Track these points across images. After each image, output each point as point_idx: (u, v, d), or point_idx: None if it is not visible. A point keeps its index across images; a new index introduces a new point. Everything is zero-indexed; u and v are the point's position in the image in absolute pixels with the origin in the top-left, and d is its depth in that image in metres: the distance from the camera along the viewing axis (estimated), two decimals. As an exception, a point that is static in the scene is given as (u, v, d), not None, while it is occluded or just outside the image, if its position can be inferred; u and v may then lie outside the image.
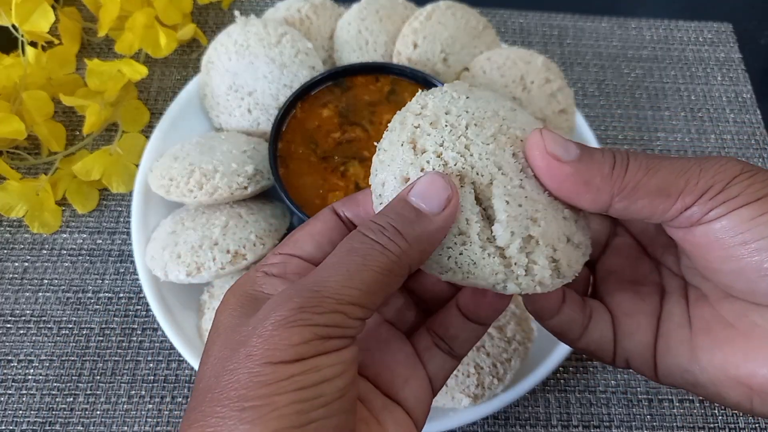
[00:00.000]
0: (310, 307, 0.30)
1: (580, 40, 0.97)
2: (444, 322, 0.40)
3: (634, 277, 0.42)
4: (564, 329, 0.40)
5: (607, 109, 0.91)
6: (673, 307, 0.40)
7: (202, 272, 0.65)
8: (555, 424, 0.67)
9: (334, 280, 0.31)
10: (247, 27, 0.78)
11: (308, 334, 0.29)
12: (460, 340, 0.40)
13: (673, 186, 0.34)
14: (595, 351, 0.40)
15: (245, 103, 0.76)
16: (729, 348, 0.36)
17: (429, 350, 0.40)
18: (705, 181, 0.34)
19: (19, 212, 0.75)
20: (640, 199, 0.35)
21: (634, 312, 0.40)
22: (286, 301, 0.31)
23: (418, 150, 0.36)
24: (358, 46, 0.80)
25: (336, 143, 0.71)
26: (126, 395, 0.67)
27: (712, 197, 0.34)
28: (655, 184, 0.34)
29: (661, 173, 0.34)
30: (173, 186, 0.68)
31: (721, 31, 0.98)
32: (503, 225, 0.34)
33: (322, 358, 0.30)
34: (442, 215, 0.33)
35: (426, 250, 0.33)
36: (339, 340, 0.31)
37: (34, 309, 0.72)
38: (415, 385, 0.39)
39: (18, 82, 0.77)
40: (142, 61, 0.85)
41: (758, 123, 0.90)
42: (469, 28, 0.82)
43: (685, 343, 0.38)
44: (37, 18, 0.77)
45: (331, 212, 0.40)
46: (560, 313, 0.39)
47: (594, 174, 0.35)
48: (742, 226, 0.33)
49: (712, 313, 0.38)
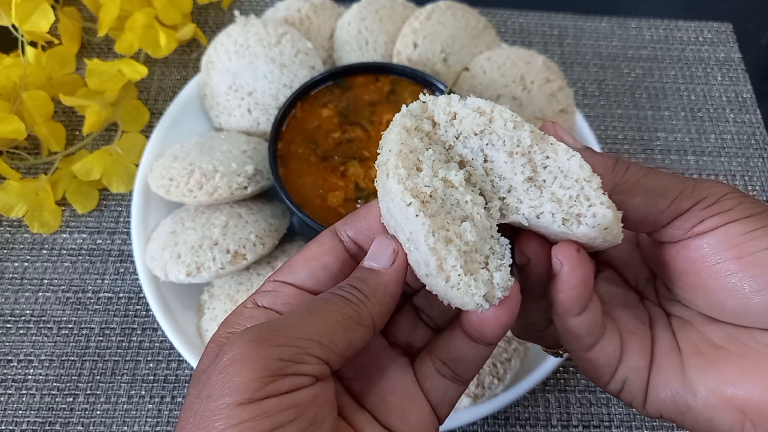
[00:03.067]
0: (266, 339, 0.31)
1: (580, 40, 0.97)
2: (446, 345, 0.39)
3: (626, 303, 0.42)
4: (585, 331, 0.38)
5: (607, 109, 0.91)
6: (661, 331, 0.39)
7: (202, 272, 0.65)
8: (555, 424, 0.67)
9: (293, 319, 0.33)
10: (247, 27, 0.78)
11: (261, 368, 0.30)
12: (464, 363, 0.38)
13: (670, 190, 0.35)
14: (600, 367, 0.39)
15: (245, 103, 0.76)
16: (724, 367, 0.36)
17: (431, 378, 0.39)
18: (700, 191, 0.35)
19: (19, 212, 0.75)
20: (638, 195, 0.35)
21: (638, 332, 0.39)
22: (244, 335, 0.32)
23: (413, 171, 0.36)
24: (358, 46, 0.80)
25: (336, 143, 0.71)
26: (126, 395, 0.67)
27: (707, 207, 0.35)
28: (654, 184, 0.36)
29: (660, 178, 0.36)
30: (173, 186, 0.68)
31: (721, 31, 0.98)
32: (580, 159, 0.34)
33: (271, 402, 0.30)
34: (392, 268, 0.36)
35: (384, 301, 0.36)
36: (293, 378, 0.31)
37: (34, 309, 0.72)
38: (415, 416, 0.37)
39: (18, 82, 0.77)
40: (142, 61, 0.85)
41: (758, 123, 0.90)
42: (469, 28, 0.82)
43: (677, 367, 0.37)
44: (37, 18, 0.77)
45: (330, 234, 0.40)
46: (588, 310, 0.37)
47: (597, 163, 0.35)
48: (736, 239, 0.34)
49: (700, 337, 0.38)
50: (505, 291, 0.35)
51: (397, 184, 0.34)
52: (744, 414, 0.35)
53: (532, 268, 0.37)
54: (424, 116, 0.37)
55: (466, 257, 0.34)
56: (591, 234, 0.34)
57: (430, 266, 0.34)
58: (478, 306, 0.34)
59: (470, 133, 0.36)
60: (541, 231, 0.37)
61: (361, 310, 0.35)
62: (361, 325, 0.34)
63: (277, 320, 0.33)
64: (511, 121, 0.35)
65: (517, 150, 0.35)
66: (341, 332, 0.33)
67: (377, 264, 0.36)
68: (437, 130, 0.37)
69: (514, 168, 0.36)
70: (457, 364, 0.38)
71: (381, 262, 0.36)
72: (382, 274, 0.36)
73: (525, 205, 0.35)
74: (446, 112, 0.37)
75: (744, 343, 0.36)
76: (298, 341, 0.31)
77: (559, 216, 0.34)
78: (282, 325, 0.32)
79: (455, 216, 0.35)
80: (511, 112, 0.36)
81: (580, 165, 0.34)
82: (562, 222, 0.34)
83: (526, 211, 0.35)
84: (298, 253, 0.39)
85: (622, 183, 0.36)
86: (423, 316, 0.42)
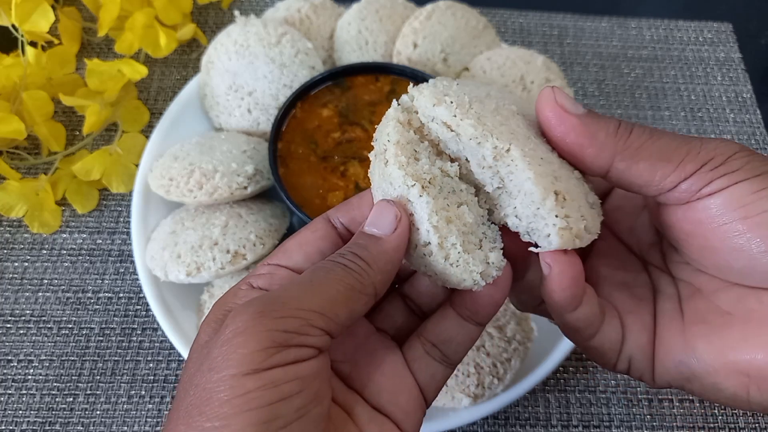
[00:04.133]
0: (269, 311, 0.31)
1: (580, 40, 0.97)
2: (437, 326, 0.39)
3: (625, 279, 0.42)
4: (585, 324, 0.38)
5: (607, 108, 0.91)
6: (665, 304, 0.39)
7: (202, 272, 0.65)
8: (555, 424, 0.67)
9: (296, 290, 0.33)
10: (247, 27, 0.78)
11: (265, 339, 0.29)
12: (454, 344, 0.39)
13: (675, 153, 0.35)
14: (605, 351, 0.39)
15: (245, 103, 0.76)
16: (727, 332, 0.36)
17: (420, 360, 0.39)
18: (706, 152, 0.34)
19: (19, 212, 0.75)
20: (642, 161, 0.35)
21: (637, 311, 0.40)
22: (247, 307, 0.31)
23: None
24: (358, 46, 0.80)
25: (336, 143, 0.71)
26: (126, 395, 0.67)
27: (713, 168, 0.34)
28: (658, 148, 0.35)
29: (664, 141, 0.35)
30: (173, 186, 0.68)
31: (721, 31, 0.98)
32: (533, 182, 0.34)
33: (278, 371, 0.29)
34: (394, 234, 0.35)
35: (385, 269, 0.35)
36: (298, 349, 0.30)
37: (34, 309, 0.72)
38: (404, 397, 0.38)
39: (18, 82, 0.77)
40: (142, 61, 0.85)
41: (758, 123, 0.90)
42: (469, 28, 0.82)
43: (678, 335, 0.37)
44: (37, 18, 0.77)
45: (324, 221, 0.40)
46: (583, 305, 0.37)
47: (599, 129, 0.35)
48: (744, 199, 0.33)
49: (707, 304, 0.38)
50: (499, 270, 0.36)
51: (398, 170, 0.35)
52: (748, 377, 0.35)
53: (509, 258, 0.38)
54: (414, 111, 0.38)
55: (464, 237, 0.36)
56: (555, 246, 0.35)
57: (432, 244, 0.35)
58: (474, 283, 0.35)
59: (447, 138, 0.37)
60: None
61: (363, 279, 0.34)
62: (363, 294, 0.34)
63: (279, 292, 0.33)
64: (473, 140, 0.36)
65: (483, 163, 0.36)
66: (343, 303, 0.33)
67: (378, 230, 0.35)
68: (423, 129, 0.39)
69: (484, 178, 0.37)
70: (447, 345, 0.39)
71: (383, 228, 0.35)
72: (384, 241, 0.35)
73: (496, 212, 0.37)
74: (426, 116, 0.38)
75: (749, 306, 0.35)
76: (301, 312, 0.31)
77: (523, 229, 0.36)
78: (285, 297, 0.32)
79: (453, 201, 0.36)
80: (473, 131, 0.35)
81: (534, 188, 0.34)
82: (527, 234, 0.36)
83: (497, 218, 0.37)
84: (292, 238, 0.39)
85: (625, 149, 0.35)
86: (410, 303, 0.42)
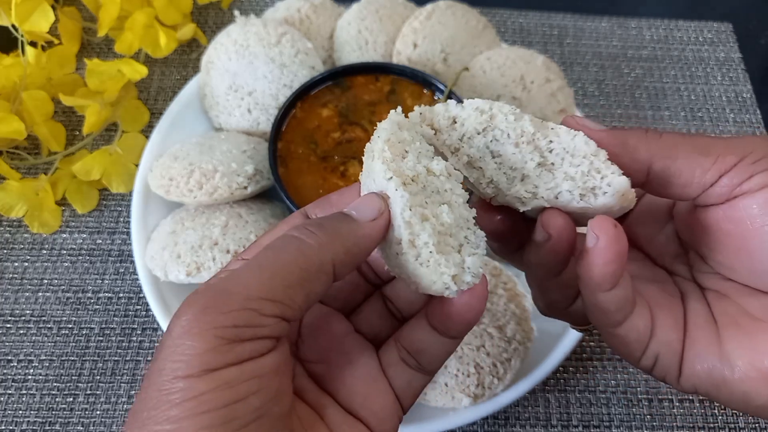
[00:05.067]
0: (215, 305, 0.28)
1: (580, 39, 0.97)
2: (411, 335, 0.38)
3: (654, 278, 0.41)
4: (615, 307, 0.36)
5: (607, 108, 0.91)
6: (695, 305, 0.38)
7: (202, 272, 0.65)
8: (555, 424, 0.67)
9: (244, 276, 0.30)
10: (247, 27, 0.78)
11: (213, 339, 0.27)
12: (428, 356, 0.37)
13: (713, 147, 0.33)
14: (631, 343, 0.37)
15: (245, 103, 0.76)
16: (762, 338, 0.34)
17: (395, 366, 0.38)
18: (745, 145, 0.33)
19: (19, 212, 0.75)
20: (680, 158, 0.34)
21: (668, 306, 0.38)
22: (192, 304, 0.29)
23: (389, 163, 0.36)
24: (358, 46, 0.80)
25: (336, 143, 0.71)
26: (126, 395, 0.67)
27: (754, 162, 0.32)
28: (693, 144, 0.34)
29: (698, 138, 0.34)
30: (173, 186, 0.68)
31: (721, 31, 0.98)
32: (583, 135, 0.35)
33: (233, 370, 0.27)
34: (372, 223, 0.33)
35: (351, 250, 0.33)
36: (252, 342, 0.28)
37: (34, 309, 0.72)
38: (378, 402, 0.36)
39: (18, 82, 0.77)
40: (142, 61, 0.85)
41: (758, 123, 0.90)
42: (469, 28, 0.82)
43: (713, 339, 0.36)
44: (37, 18, 0.77)
45: (301, 215, 0.38)
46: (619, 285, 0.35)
47: (628, 136, 0.35)
48: None
49: (738, 309, 0.36)
50: (476, 278, 0.34)
51: (381, 164, 0.34)
52: None
53: (553, 245, 0.36)
54: (423, 123, 0.38)
55: (439, 238, 0.34)
56: (610, 203, 0.35)
57: (403, 242, 0.33)
58: (445, 287, 0.33)
59: (473, 133, 0.37)
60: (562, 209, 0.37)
61: (321, 255, 0.31)
62: (320, 272, 0.31)
63: (226, 280, 0.30)
64: (511, 114, 0.37)
65: (522, 140, 0.36)
66: (298, 285, 0.30)
67: (357, 214, 0.33)
68: (440, 135, 0.38)
69: (524, 157, 0.37)
70: (421, 355, 0.37)
71: (363, 214, 0.33)
72: (358, 224, 0.33)
73: (542, 189, 0.37)
74: (446, 118, 0.38)
75: None
76: (250, 303, 0.28)
77: (577, 192, 0.36)
78: (231, 286, 0.29)
79: (434, 201, 0.35)
80: (509, 106, 0.37)
81: (585, 142, 0.35)
82: (580, 197, 0.35)
83: (545, 194, 0.36)
84: (268, 233, 0.37)
85: (660, 150, 0.34)
86: (391, 306, 0.41)
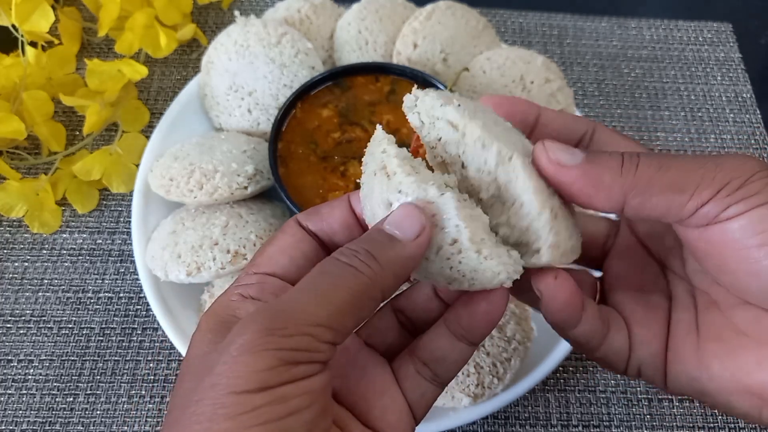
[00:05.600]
0: (277, 329, 0.29)
1: (580, 40, 0.97)
2: (430, 344, 0.38)
3: (642, 284, 0.41)
4: (586, 340, 0.38)
5: (607, 108, 0.91)
6: (681, 314, 0.39)
7: (202, 272, 0.65)
8: (555, 424, 0.67)
9: (302, 302, 0.31)
10: (247, 27, 0.78)
11: (273, 359, 0.28)
12: (446, 364, 0.38)
13: (689, 181, 0.33)
14: (612, 362, 0.39)
15: (245, 103, 0.76)
16: (742, 355, 0.35)
17: (410, 378, 0.38)
18: (722, 176, 0.33)
19: (19, 212, 0.75)
20: (654, 196, 0.33)
21: (646, 321, 0.39)
22: (252, 323, 0.30)
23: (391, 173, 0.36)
24: (358, 46, 0.80)
25: (336, 143, 0.71)
26: (126, 395, 0.67)
27: (730, 194, 0.32)
28: (669, 179, 0.33)
29: (675, 170, 0.33)
30: (173, 186, 0.68)
31: (721, 31, 0.98)
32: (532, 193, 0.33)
33: (288, 387, 0.28)
34: (416, 242, 0.33)
35: (399, 274, 0.33)
36: (307, 365, 0.30)
37: (34, 309, 0.72)
38: (394, 415, 0.37)
39: (18, 82, 0.77)
40: (142, 61, 0.85)
41: (758, 123, 0.90)
42: (468, 28, 0.82)
43: (692, 351, 0.37)
44: (37, 18, 0.77)
45: (295, 224, 0.39)
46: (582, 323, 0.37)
47: (603, 172, 0.34)
48: (762, 225, 0.32)
49: (723, 321, 0.37)
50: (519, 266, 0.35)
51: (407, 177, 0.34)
52: (762, 400, 0.34)
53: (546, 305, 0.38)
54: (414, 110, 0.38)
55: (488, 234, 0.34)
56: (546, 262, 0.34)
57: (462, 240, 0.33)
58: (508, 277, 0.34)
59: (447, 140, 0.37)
60: None
61: (374, 285, 0.32)
62: (371, 299, 0.32)
63: (284, 303, 0.31)
64: (479, 141, 0.35)
65: (483, 168, 0.35)
66: (350, 312, 0.31)
67: (400, 233, 0.33)
68: (422, 130, 0.38)
69: (482, 183, 0.36)
70: (439, 364, 0.38)
71: (405, 232, 0.33)
72: (404, 246, 0.33)
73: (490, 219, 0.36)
74: (429, 115, 0.37)
75: (766, 328, 0.35)
76: (310, 329, 0.30)
77: (513, 241, 0.35)
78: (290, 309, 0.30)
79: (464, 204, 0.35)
80: (480, 131, 0.35)
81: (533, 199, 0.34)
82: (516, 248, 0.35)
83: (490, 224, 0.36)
84: (270, 244, 0.38)
85: (634, 187, 0.34)
86: (401, 317, 0.41)
